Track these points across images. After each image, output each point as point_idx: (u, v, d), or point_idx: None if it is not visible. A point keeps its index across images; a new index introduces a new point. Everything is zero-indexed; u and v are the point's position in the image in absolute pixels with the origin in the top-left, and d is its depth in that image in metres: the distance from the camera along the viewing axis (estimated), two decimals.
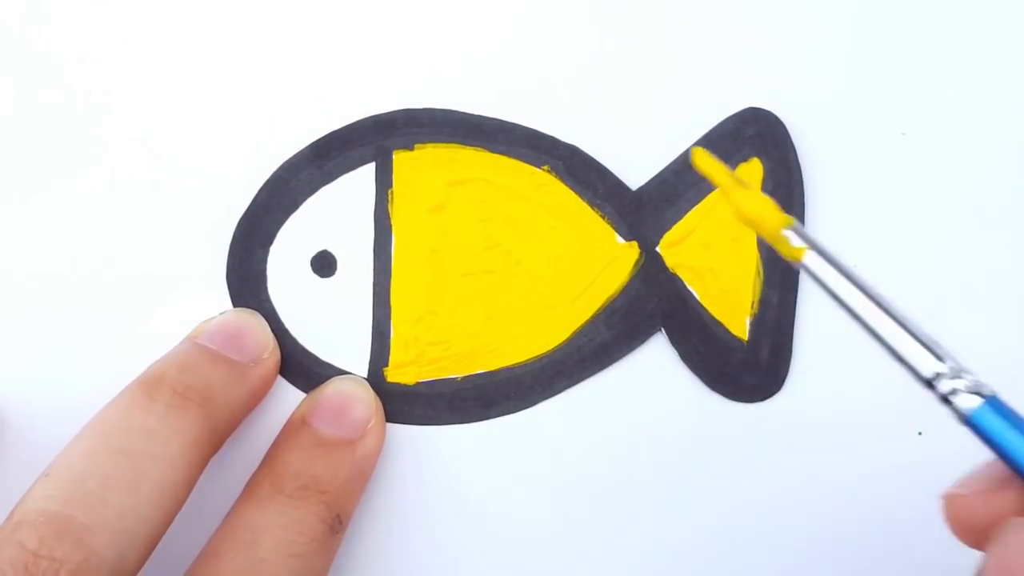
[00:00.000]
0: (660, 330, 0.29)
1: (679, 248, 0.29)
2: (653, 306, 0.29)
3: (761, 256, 0.29)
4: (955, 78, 0.29)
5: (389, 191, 0.29)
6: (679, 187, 0.29)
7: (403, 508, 0.29)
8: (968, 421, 0.20)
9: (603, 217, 0.29)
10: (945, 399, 0.20)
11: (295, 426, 0.27)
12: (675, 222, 0.29)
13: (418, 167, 0.29)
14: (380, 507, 0.28)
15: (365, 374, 0.29)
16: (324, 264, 0.29)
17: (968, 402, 0.20)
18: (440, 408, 0.29)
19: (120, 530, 0.23)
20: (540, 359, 0.29)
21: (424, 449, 0.29)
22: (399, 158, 0.29)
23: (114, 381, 0.26)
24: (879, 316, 0.20)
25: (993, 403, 0.20)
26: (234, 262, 0.29)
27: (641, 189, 0.29)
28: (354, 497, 0.27)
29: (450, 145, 0.29)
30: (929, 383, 0.20)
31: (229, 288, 0.29)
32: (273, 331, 0.28)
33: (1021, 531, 0.18)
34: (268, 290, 0.29)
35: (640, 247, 0.29)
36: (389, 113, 0.29)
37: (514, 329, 0.29)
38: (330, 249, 0.29)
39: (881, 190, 0.29)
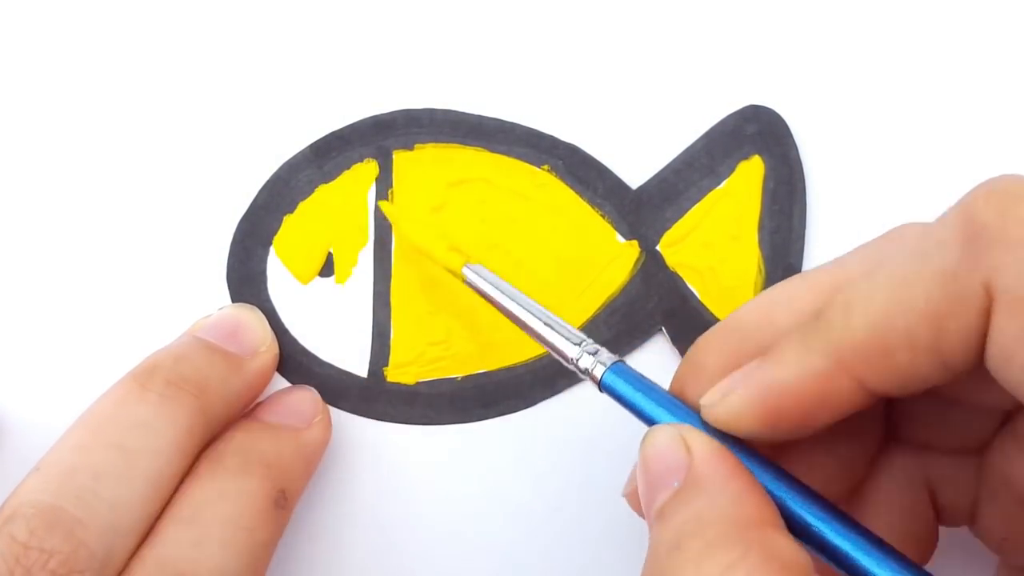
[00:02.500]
0: (660, 329, 0.28)
1: (679, 247, 0.29)
2: (653, 305, 0.28)
3: (762, 254, 0.28)
4: (956, 76, 0.28)
5: (389, 191, 0.29)
6: (679, 186, 0.29)
7: (403, 508, 0.28)
8: (601, 386, 0.23)
9: (603, 216, 0.29)
10: (585, 372, 0.24)
11: (239, 419, 0.27)
12: (675, 221, 0.29)
13: (418, 167, 0.29)
14: (380, 507, 0.28)
15: (365, 374, 0.29)
16: (324, 264, 0.29)
17: (599, 371, 0.23)
18: (440, 408, 0.28)
19: (111, 522, 0.23)
20: (540, 359, 0.28)
21: (424, 449, 0.28)
22: (399, 158, 0.29)
23: (113, 381, 0.26)
24: (528, 316, 0.25)
25: (617, 368, 0.23)
26: (234, 262, 0.29)
27: (641, 188, 0.29)
28: (299, 478, 0.27)
29: (450, 145, 0.29)
30: (573, 363, 0.24)
31: (229, 288, 0.29)
32: (273, 331, 0.28)
33: (654, 434, 0.21)
34: (268, 290, 0.29)
35: (640, 246, 0.29)
36: (389, 113, 0.29)
37: (514, 329, 0.28)
38: (330, 249, 0.29)
39: (882, 187, 0.28)
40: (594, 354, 0.24)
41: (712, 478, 0.20)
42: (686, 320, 0.28)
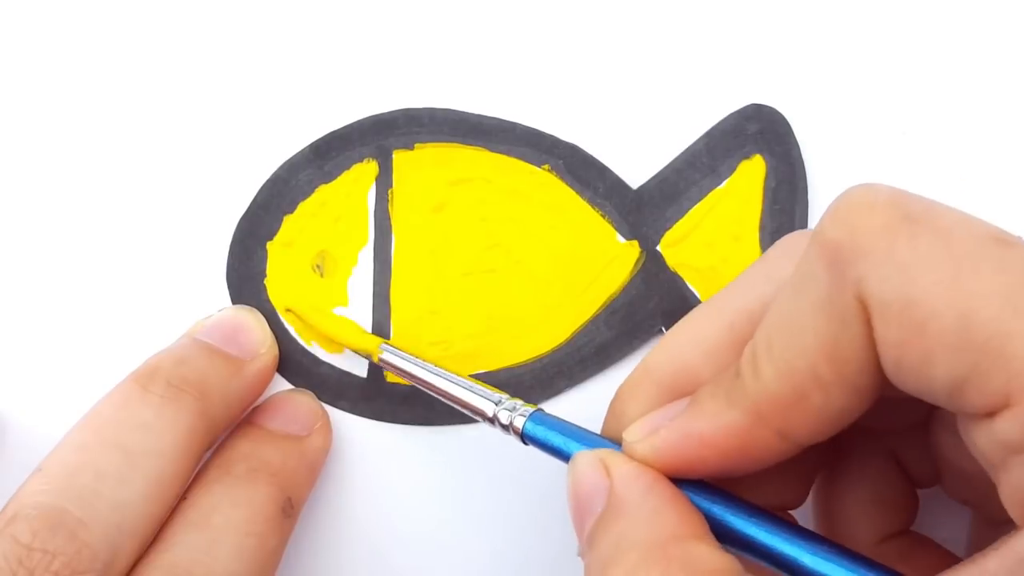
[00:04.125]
0: (661, 330, 0.28)
1: (680, 247, 0.28)
2: (654, 305, 0.28)
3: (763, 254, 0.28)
4: (957, 76, 0.28)
5: (389, 191, 0.29)
6: (680, 185, 0.29)
7: (402, 508, 0.28)
8: (524, 437, 0.24)
9: (603, 216, 0.29)
10: (508, 427, 0.24)
11: (241, 425, 0.27)
12: (676, 220, 0.29)
13: (418, 167, 0.29)
14: (379, 507, 0.28)
15: (365, 374, 0.29)
16: (324, 264, 0.29)
17: (519, 422, 0.24)
18: (440, 408, 0.28)
19: (113, 523, 0.23)
20: (540, 359, 0.28)
21: (424, 449, 0.28)
22: (399, 158, 0.29)
23: (114, 381, 0.26)
24: (446, 383, 0.26)
25: (536, 417, 0.24)
26: (234, 262, 0.29)
27: (642, 188, 0.29)
28: (304, 485, 0.27)
29: (450, 145, 0.29)
30: (492, 420, 0.25)
31: (229, 288, 0.29)
32: (273, 331, 0.28)
33: (576, 461, 0.22)
34: (268, 290, 0.29)
35: (641, 246, 0.29)
36: (389, 113, 0.29)
37: (514, 329, 0.29)
38: (330, 249, 0.29)
39: None
40: (512, 410, 0.24)
41: (631, 497, 0.21)
42: None
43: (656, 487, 0.21)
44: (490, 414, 0.25)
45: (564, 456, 0.23)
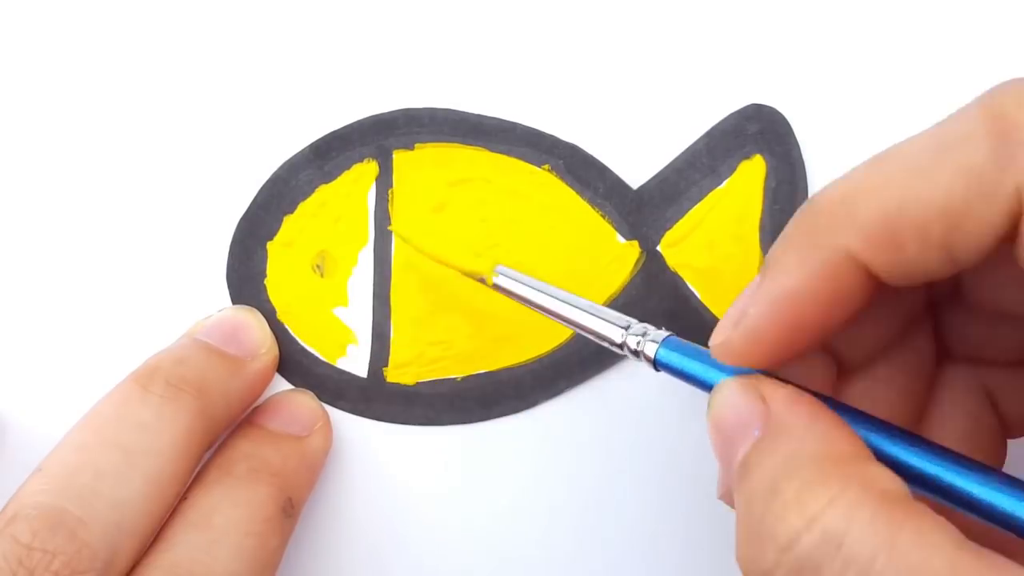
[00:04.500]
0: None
1: (680, 247, 0.28)
2: (654, 306, 0.28)
3: (763, 254, 0.28)
4: (957, 76, 0.28)
5: (389, 191, 0.29)
6: (680, 185, 0.28)
7: (402, 508, 0.28)
8: (656, 364, 0.23)
9: (604, 216, 0.29)
10: (637, 354, 0.23)
11: (241, 425, 0.27)
12: (676, 221, 0.29)
13: (418, 167, 0.29)
14: (379, 508, 0.28)
15: (365, 374, 0.29)
16: (324, 264, 0.29)
17: (650, 349, 0.23)
18: (440, 408, 0.28)
19: (113, 522, 0.23)
20: (540, 359, 0.28)
21: (424, 449, 0.28)
22: (399, 158, 0.29)
23: (114, 381, 0.26)
24: (565, 307, 0.24)
25: (669, 343, 0.23)
26: (234, 262, 0.29)
27: (642, 188, 0.29)
28: (305, 486, 0.27)
29: (450, 145, 0.29)
30: (621, 346, 0.23)
31: (229, 288, 0.29)
32: (273, 331, 0.28)
33: (722, 389, 0.21)
34: (268, 290, 0.29)
35: (641, 246, 0.29)
36: (389, 113, 0.29)
37: (514, 329, 0.29)
38: (330, 249, 0.29)
39: None
40: (643, 334, 0.23)
41: (795, 421, 0.19)
42: (687, 321, 0.28)
43: (821, 412, 0.20)
44: (619, 340, 0.23)
45: (699, 382, 0.22)
